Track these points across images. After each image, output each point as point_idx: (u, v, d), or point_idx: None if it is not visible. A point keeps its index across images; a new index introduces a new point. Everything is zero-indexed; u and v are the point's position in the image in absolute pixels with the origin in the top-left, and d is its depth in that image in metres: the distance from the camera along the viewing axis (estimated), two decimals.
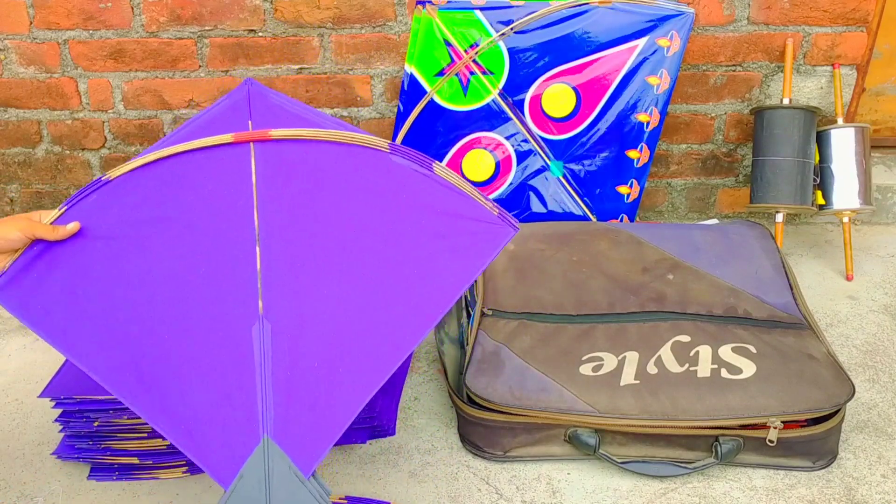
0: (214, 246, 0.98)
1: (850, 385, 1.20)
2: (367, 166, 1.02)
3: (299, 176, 1.02)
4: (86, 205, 1.00)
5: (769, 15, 1.69)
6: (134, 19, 1.71)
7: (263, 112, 1.06)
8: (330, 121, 1.07)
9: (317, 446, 0.89)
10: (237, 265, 0.96)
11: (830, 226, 1.90)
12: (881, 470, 1.22)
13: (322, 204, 1.00)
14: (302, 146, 1.03)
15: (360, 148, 1.03)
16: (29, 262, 0.97)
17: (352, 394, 0.91)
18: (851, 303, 1.62)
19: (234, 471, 0.88)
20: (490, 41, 1.65)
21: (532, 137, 1.72)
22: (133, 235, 0.99)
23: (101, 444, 1.20)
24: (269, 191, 1.01)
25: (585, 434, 1.20)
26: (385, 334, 0.94)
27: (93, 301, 0.95)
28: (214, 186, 1.01)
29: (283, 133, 1.03)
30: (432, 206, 1.00)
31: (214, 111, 1.08)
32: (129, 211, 1.00)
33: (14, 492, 1.19)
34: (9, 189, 1.92)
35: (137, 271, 0.97)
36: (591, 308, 1.36)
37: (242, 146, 1.02)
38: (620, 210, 1.75)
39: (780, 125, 1.66)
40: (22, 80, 1.79)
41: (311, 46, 1.73)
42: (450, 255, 0.97)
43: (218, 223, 0.99)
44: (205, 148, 1.02)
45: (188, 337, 0.94)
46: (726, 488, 1.19)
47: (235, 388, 0.91)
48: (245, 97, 1.08)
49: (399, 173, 1.01)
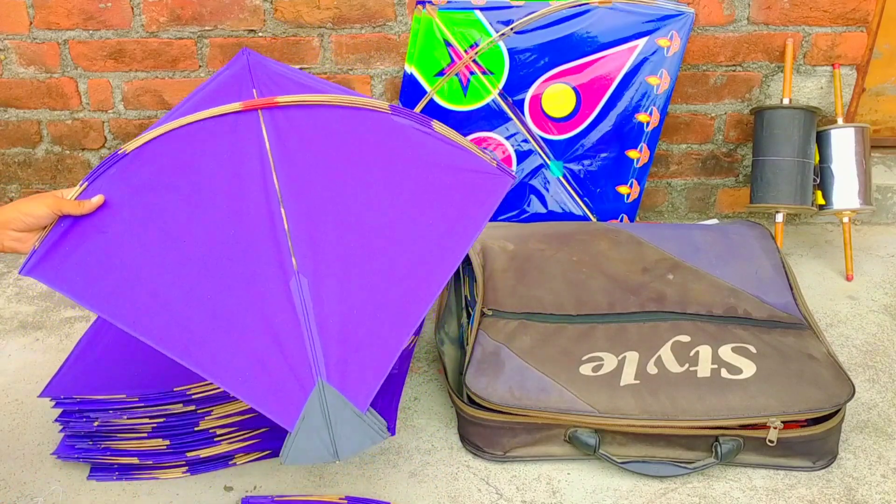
0: (240, 208, 1.02)
1: (850, 385, 1.20)
2: (372, 127, 1.08)
3: (310, 138, 1.07)
4: (106, 178, 1.03)
5: (769, 15, 1.69)
6: (134, 19, 1.71)
7: (266, 80, 1.11)
8: (330, 86, 1.12)
9: (368, 383, 0.94)
10: (265, 225, 1.01)
11: (830, 226, 1.90)
12: (881, 470, 1.22)
13: (335, 163, 1.06)
14: (308, 111, 1.08)
15: (364, 110, 1.09)
16: (59, 238, 0.98)
17: (393, 330, 0.97)
18: (851, 303, 1.62)
19: (295, 414, 0.92)
20: (490, 41, 1.65)
21: (532, 137, 1.72)
22: (158, 202, 1.02)
23: (101, 444, 1.20)
24: (283, 153, 1.05)
25: (585, 434, 1.20)
26: (415, 274, 1.00)
27: (130, 267, 0.98)
28: (230, 152, 1.05)
29: (290, 99, 1.07)
30: (436, 161, 1.07)
31: (216, 82, 1.12)
32: (150, 179, 1.03)
33: (14, 492, 1.19)
34: (9, 189, 1.92)
35: (168, 235, 1.00)
36: (591, 308, 1.36)
37: (251, 113, 1.07)
38: (620, 210, 1.75)
39: (780, 125, 1.66)
40: (22, 80, 1.79)
41: (311, 46, 1.74)
42: (458, 203, 1.05)
43: (239, 186, 1.03)
44: (215, 117, 1.06)
45: (229, 294, 0.97)
46: (726, 488, 1.19)
47: (284, 338, 0.95)
48: (246, 66, 1.13)
49: (402, 132, 1.08)
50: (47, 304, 1.64)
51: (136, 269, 0.98)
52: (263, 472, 1.22)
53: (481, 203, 1.05)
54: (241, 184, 1.03)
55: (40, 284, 1.69)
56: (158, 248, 0.99)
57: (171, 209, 1.01)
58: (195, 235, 1.00)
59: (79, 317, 1.60)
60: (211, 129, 1.06)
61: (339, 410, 0.93)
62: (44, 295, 1.67)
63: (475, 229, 1.04)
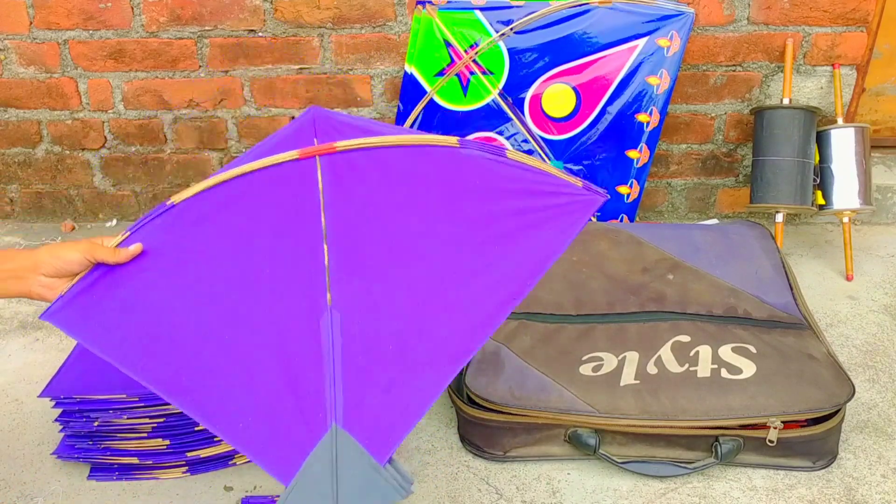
0: (279, 249, 0.95)
1: (850, 385, 1.20)
2: (436, 162, 0.99)
3: (367, 179, 0.99)
4: (149, 228, 0.98)
5: (769, 15, 1.69)
6: (134, 19, 1.71)
7: (328, 129, 1.04)
8: (395, 129, 1.05)
9: (392, 431, 0.82)
10: (303, 263, 0.93)
11: (830, 226, 1.90)
12: (881, 470, 1.22)
13: (392, 200, 0.98)
14: (369, 153, 1.00)
15: (428, 147, 1.00)
16: (89, 285, 0.94)
17: (433, 373, 0.85)
18: (851, 303, 1.62)
19: (296, 464, 0.80)
20: (490, 41, 1.65)
21: (532, 137, 1.72)
22: (195, 249, 0.96)
23: (101, 444, 1.20)
24: (336, 194, 0.98)
25: (585, 434, 1.20)
26: (468, 313, 0.90)
27: (151, 313, 0.92)
28: (280, 198, 0.99)
29: (350, 144, 1.00)
30: (509, 188, 0.97)
31: (278, 136, 1.07)
32: (192, 228, 0.98)
33: (14, 492, 1.19)
34: (9, 189, 1.92)
35: (198, 281, 0.94)
36: (591, 308, 1.36)
37: (308, 161, 1.00)
38: (620, 210, 1.75)
39: (780, 125, 1.66)
40: (22, 80, 1.79)
41: (311, 46, 1.74)
42: (534, 230, 0.95)
43: (283, 229, 0.96)
44: (269, 167, 1.00)
45: (249, 336, 0.90)
46: (726, 488, 1.19)
47: (300, 379, 0.85)
48: (310, 119, 1.06)
49: (471, 163, 0.99)
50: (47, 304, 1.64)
51: (155, 315, 0.92)
52: (263, 472, 1.22)
53: (562, 228, 0.95)
54: (285, 226, 0.96)
55: None
56: (184, 293, 0.93)
57: (207, 255, 0.96)
58: (227, 279, 0.94)
59: None
60: (263, 178, 1.00)
61: (353, 461, 0.80)
62: None
63: (551, 256, 0.93)
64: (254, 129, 1.83)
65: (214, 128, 1.83)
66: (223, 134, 1.84)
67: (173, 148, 1.86)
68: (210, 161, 1.87)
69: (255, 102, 1.80)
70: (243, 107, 1.81)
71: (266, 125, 1.82)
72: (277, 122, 1.81)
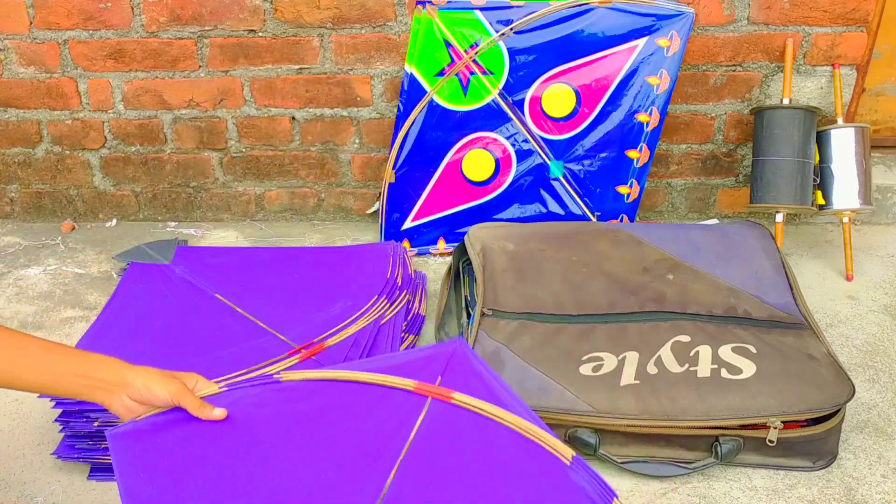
0: (347, 462, 0.95)
1: (850, 385, 1.20)
2: (537, 470, 0.94)
3: (461, 444, 0.97)
4: (244, 394, 0.98)
5: (769, 15, 1.69)
6: (134, 19, 1.71)
7: (457, 373, 1.03)
8: (520, 406, 1.00)
9: None
10: (362, 478, 0.93)
11: (830, 226, 1.90)
12: (881, 470, 1.22)
13: (470, 480, 0.94)
14: (478, 419, 0.98)
15: (541, 448, 0.95)
16: (161, 424, 0.93)
17: None
18: (851, 303, 1.62)
19: None
20: (490, 41, 1.65)
21: (532, 137, 1.72)
22: (277, 431, 0.96)
23: (101, 444, 1.19)
24: (424, 443, 0.97)
25: (585, 434, 1.20)
26: None
27: (204, 477, 0.91)
28: (376, 421, 0.98)
29: (465, 400, 0.99)
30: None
31: (415, 355, 1.07)
32: (282, 412, 0.97)
33: (14, 492, 1.19)
34: (9, 189, 1.92)
35: (264, 460, 0.93)
36: (592, 308, 1.36)
37: (420, 397, 1.00)
38: (620, 210, 1.75)
39: (780, 125, 1.66)
40: (22, 80, 1.79)
41: (311, 46, 1.73)
42: None
43: (360, 448, 0.96)
44: (384, 386, 1.01)
45: None
46: (726, 488, 1.19)
47: None
48: (448, 353, 1.06)
49: (572, 494, 0.91)
50: (47, 304, 1.64)
51: (210, 489, 0.90)
52: None
53: None
54: (365, 447, 0.95)
55: (40, 284, 1.69)
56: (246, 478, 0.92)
57: (282, 444, 0.94)
58: (283, 476, 0.93)
59: (79, 317, 1.60)
60: (373, 393, 1.00)
61: None
62: (44, 295, 1.67)
63: None
64: (254, 129, 1.83)
65: (214, 128, 1.83)
66: (223, 134, 1.84)
67: (173, 148, 1.86)
68: (210, 161, 1.87)
69: (255, 102, 1.80)
70: (243, 107, 1.81)
71: (266, 125, 1.82)
72: (277, 122, 1.81)
